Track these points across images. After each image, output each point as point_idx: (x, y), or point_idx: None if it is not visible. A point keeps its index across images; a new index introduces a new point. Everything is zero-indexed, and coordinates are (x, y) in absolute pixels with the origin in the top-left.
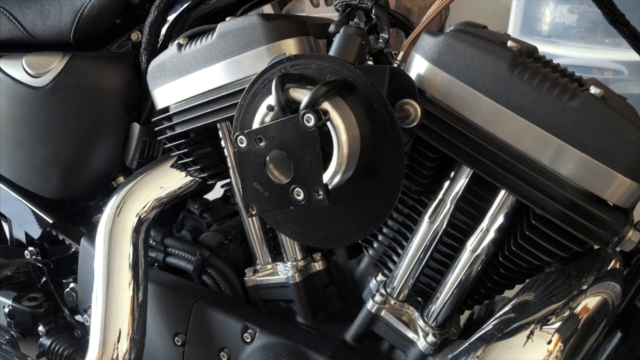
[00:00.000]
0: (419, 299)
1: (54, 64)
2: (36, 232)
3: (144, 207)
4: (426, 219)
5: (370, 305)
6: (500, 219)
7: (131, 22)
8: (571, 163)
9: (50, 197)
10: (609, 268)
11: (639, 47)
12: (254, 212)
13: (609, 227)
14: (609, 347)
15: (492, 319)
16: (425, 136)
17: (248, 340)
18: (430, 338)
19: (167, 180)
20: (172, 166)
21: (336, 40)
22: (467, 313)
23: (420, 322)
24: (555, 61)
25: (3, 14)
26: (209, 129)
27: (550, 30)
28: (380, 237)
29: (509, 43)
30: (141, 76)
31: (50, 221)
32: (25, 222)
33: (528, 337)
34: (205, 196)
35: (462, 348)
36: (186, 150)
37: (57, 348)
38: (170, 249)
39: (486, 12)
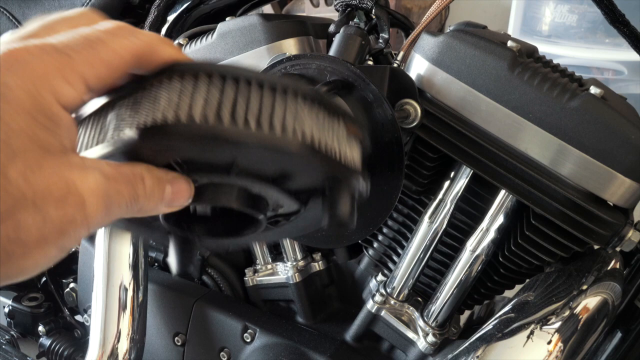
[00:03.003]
0: (419, 299)
1: None
2: None
3: None
4: (426, 219)
5: (370, 305)
6: (500, 219)
7: (131, 22)
8: (571, 163)
9: None
10: (609, 268)
11: (639, 47)
12: None
13: (609, 227)
14: (609, 347)
15: (492, 319)
16: (425, 136)
17: (248, 340)
18: (430, 338)
19: None
20: None
21: (336, 40)
22: (467, 313)
23: (420, 322)
24: (555, 61)
25: (3, 14)
26: None
27: (550, 30)
28: (380, 237)
29: (509, 43)
30: None
31: None
32: None
33: (528, 337)
34: None
35: (462, 348)
36: None
37: (57, 348)
38: None
39: (486, 12)
